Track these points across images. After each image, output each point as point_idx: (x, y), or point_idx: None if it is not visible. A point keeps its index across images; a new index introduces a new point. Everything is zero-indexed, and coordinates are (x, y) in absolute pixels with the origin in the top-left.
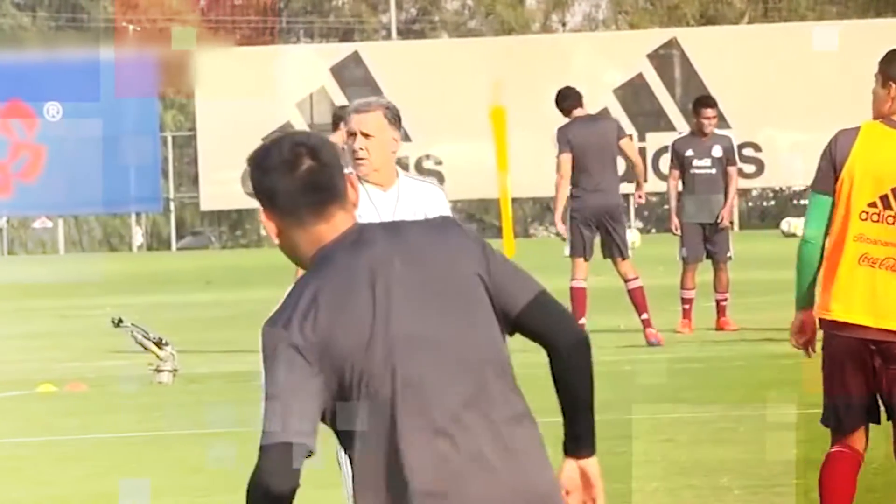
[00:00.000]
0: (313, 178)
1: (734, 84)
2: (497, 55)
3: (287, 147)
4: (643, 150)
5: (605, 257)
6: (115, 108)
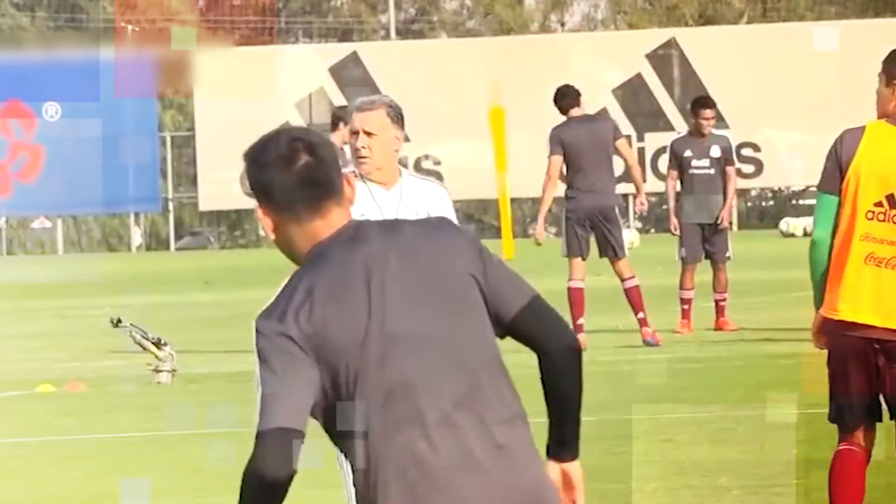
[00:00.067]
0: (310, 173)
1: (733, 84)
2: (496, 55)
3: (284, 142)
4: (642, 151)
5: (601, 257)
6: (113, 108)
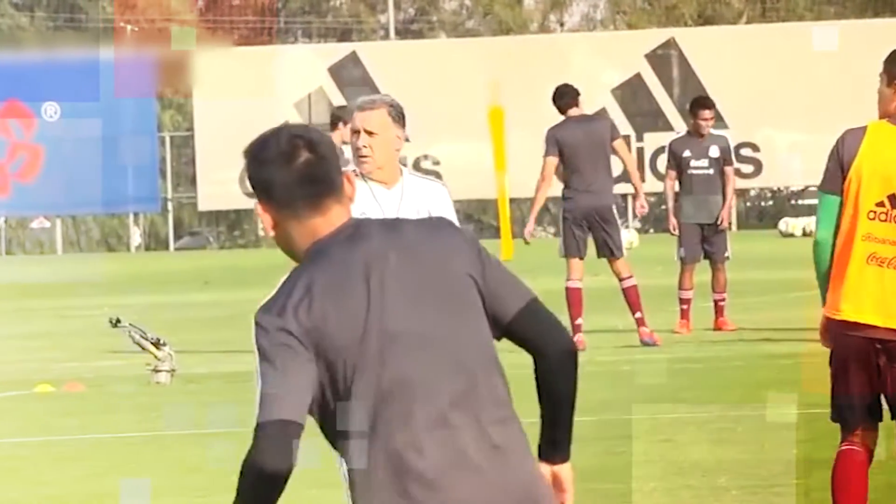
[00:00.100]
0: (310, 170)
1: (732, 84)
2: (495, 55)
3: (285, 139)
4: (641, 151)
5: (599, 257)
6: (112, 108)
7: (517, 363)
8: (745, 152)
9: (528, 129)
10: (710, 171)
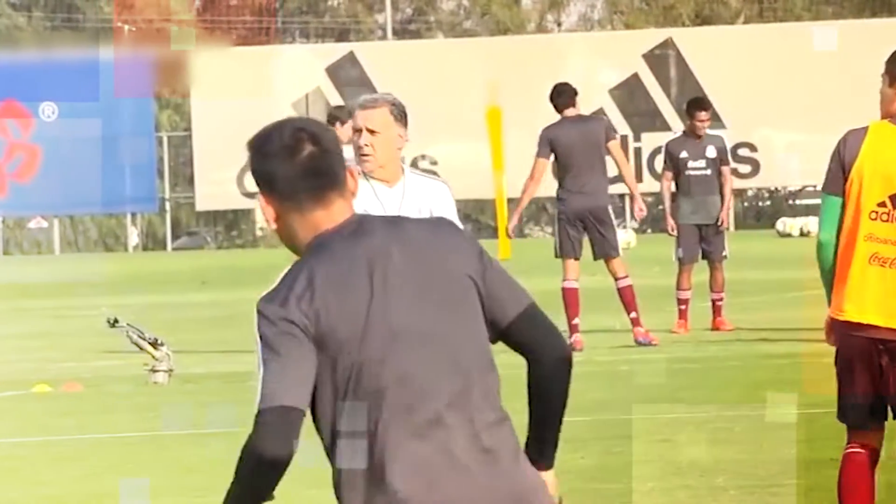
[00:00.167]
0: (314, 163)
1: (730, 84)
2: (493, 55)
3: (288, 132)
4: (638, 151)
5: (595, 259)
6: (110, 108)
7: (510, 363)
8: (743, 152)
9: (525, 129)
10: (708, 172)
